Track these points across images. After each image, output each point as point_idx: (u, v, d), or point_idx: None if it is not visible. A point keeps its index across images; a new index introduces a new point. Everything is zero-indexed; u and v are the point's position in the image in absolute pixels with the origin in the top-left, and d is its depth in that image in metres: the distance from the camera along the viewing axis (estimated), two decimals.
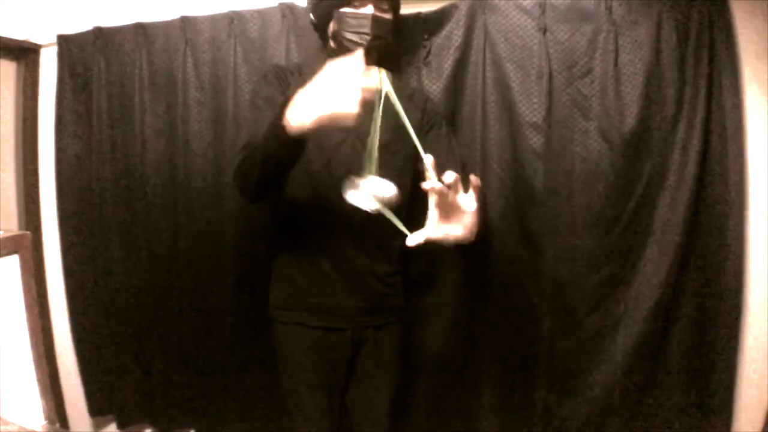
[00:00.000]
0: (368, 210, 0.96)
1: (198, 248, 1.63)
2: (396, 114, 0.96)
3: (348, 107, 0.83)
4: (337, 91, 0.84)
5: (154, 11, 1.64)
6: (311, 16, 1.24)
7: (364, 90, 0.84)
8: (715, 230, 1.33)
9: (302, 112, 0.87)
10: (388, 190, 0.96)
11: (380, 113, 0.95)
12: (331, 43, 1.22)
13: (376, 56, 1.22)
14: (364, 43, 1.14)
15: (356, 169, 1.16)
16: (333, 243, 1.18)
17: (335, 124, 0.86)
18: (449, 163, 1.22)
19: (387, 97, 0.95)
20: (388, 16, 1.19)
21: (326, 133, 1.03)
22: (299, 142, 0.93)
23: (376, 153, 0.96)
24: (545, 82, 1.35)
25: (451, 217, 0.92)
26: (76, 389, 1.86)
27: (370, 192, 0.95)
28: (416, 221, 0.95)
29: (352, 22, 1.14)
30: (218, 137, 1.59)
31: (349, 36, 1.15)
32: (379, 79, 0.94)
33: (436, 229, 0.92)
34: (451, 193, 0.89)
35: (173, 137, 1.63)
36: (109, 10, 1.70)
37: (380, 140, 0.96)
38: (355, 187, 0.96)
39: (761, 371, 1.37)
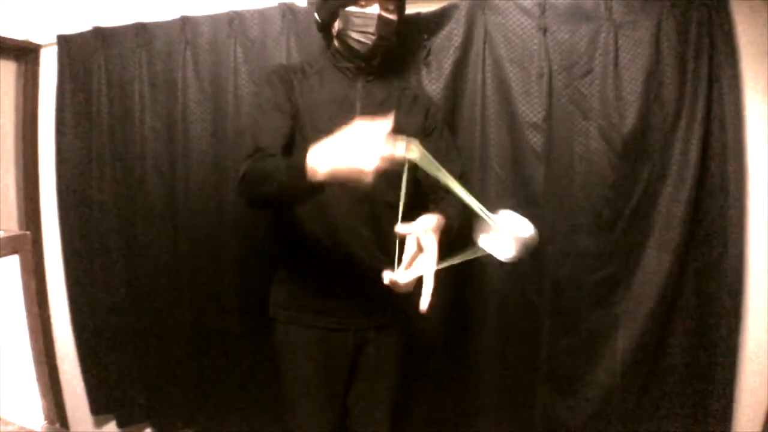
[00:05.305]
0: (503, 260, 0.82)
1: (198, 248, 1.63)
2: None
3: (365, 170, 0.82)
4: (359, 151, 0.83)
5: (154, 11, 1.64)
6: (316, 15, 1.24)
7: (384, 158, 0.83)
8: (715, 230, 1.33)
9: (321, 162, 0.87)
10: (526, 228, 0.82)
11: (404, 186, 0.91)
12: (336, 43, 1.22)
13: (379, 57, 1.22)
14: (369, 42, 1.14)
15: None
16: (335, 243, 1.17)
17: (349, 181, 0.86)
18: (446, 169, 1.22)
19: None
20: (393, 16, 1.18)
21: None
22: (314, 188, 0.92)
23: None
24: (545, 82, 1.35)
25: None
26: (76, 389, 1.87)
27: (507, 232, 0.81)
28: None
29: (358, 21, 1.14)
30: (218, 137, 1.59)
31: (354, 35, 1.15)
32: (406, 150, 0.86)
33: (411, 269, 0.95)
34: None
35: (173, 137, 1.63)
36: (109, 10, 1.70)
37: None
38: (490, 228, 0.81)
39: (761, 372, 1.37)
